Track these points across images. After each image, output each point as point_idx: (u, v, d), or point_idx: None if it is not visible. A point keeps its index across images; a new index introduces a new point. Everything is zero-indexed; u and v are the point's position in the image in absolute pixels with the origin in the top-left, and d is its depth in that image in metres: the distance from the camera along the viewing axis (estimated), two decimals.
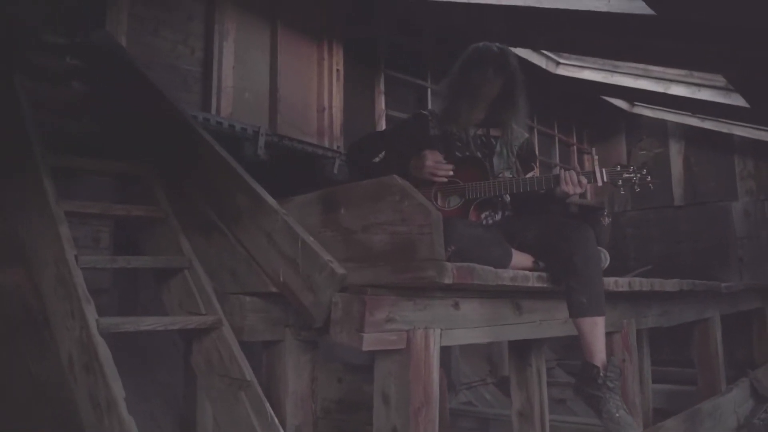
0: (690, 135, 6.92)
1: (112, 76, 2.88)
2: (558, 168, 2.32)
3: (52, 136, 2.41)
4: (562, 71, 5.83)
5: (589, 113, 7.36)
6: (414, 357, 1.67)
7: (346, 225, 1.75)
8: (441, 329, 1.76)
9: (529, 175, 2.24)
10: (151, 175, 2.50)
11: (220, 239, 2.13)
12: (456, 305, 1.82)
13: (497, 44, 2.24)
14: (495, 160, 2.26)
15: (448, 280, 1.52)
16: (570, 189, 2.00)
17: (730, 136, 6.63)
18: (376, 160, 2.17)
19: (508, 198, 2.25)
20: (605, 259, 2.02)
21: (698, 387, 3.94)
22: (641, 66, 5.36)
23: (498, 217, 2.22)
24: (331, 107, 4.66)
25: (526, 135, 2.37)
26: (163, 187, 2.46)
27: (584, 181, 2.00)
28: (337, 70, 4.74)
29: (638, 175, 2.01)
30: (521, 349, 2.75)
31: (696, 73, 5.08)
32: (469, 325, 1.87)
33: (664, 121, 7.14)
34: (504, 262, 1.87)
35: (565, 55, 5.72)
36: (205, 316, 2.02)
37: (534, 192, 2.10)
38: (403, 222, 1.59)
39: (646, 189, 2.04)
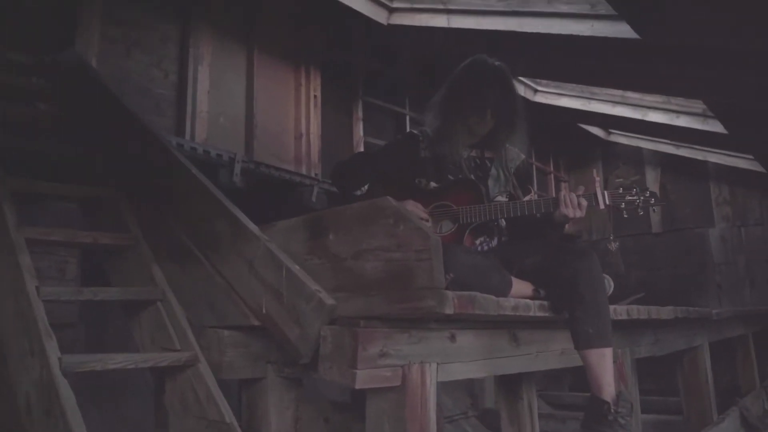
0: (666, 162, 6.96)
1: (81, 97, 2.73)
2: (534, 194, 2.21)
3: (14, 158, 2.25)
4: (540, 99, 5.82)
5: (565, 141, 7.38)
6: (410, 394, 1.54)
7: (334, 251, 1.62)
8: (437, 363, 1.63)
9: (527, 198, 2.13)
10: (122, 201, 2.35)
11: (196, 268, 1.98)
12: (452, 337, 1.70)
13: (494, 60, 2.14)
14: (490, 183, 2.14)
15: (449, 311, 1.39)
16: (570, 212, 1.89)
17: (705, 163, 6.68)
18: (358, 193, 2.04)
19: (503, 223, 2.14)
20: (609, 285, 1.91)
21: (686, 416, 3.84)
22: (618, 93, 5.38)
23: (494, 242, 2.09)
24: (308, 133, 4.57)
25: (523, 156, 2.26)
26: (134, 212, 2.31)
27: (585, 203, 1.90)
28: (315, 96, 4.65)
29: (642, 198, 1.92)
30: (512, 382, 2.63)
31: (674, 100, 5.10)
32: (465, 359, 1.75)
33: (639, 149, 7.18)
34: (504, 291, 1.75)
35: (544, 82, 5.72)
36: (180, 352, 1.86)
37: (531, 216, 1.99)
38: (399, 247, 1.47)
39: (647, 212, 1.95)
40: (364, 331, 1.46)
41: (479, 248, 2.05)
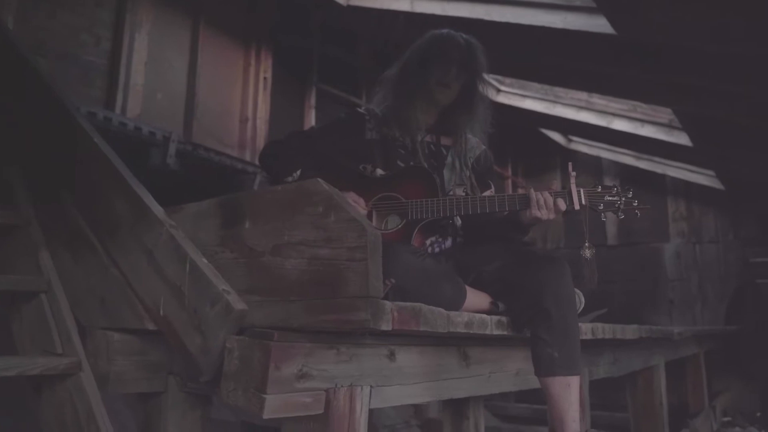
0: (625, 174, 6.84)
1: None
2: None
3: None
4: (502, 99, 5.61)
5: (525, 146, 7.21)
6: (335, 424, 1.23)
7: (251, 244, 1.30)
8: (371, 386, 1.34)
9: (486, 193, 1.84)
10: (15, 173, 1.99)
11: (90, 257, 1.64)
12: (391, 355, 1.40)
13: (462, 34, 1.86)
14: (446, 173, 1.84)
15: (385, 326, 1.10)
16: (543, 214, 1.61)
17: (663, 176, 6.59)
18: (290, 179, 1.71)
19: (459, 221, 1.85)
20: (580, 302, 1.64)
21: None
22: (584, 98, 5.21)
23: (447, 243, 1.79)
24: (255, 118, 4.24)
25: (483, 147, 1.98)
26: (30, 188, 1.96)
27: (562, 205, 1.63)
28: (265, 78, 4.33)
29: (623, 199, 1.66)
30: (458, 401, 2.37)
31: (639, 109, 4.95)
32: (406, 381, 1.46)
33: (599, 158, 7.07)
34: (456, 303, 1.46)
35: (507, 81, 5.51)
36: (59, 357, 1.53)
37: (492, 215, 1.71)
38: (328, 243, 1.16)
39: (631, 216, 1.70)
40: (279, 346, 1.15)
41: (429, 249, 1.75)
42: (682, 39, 2.79)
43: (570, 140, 7.15)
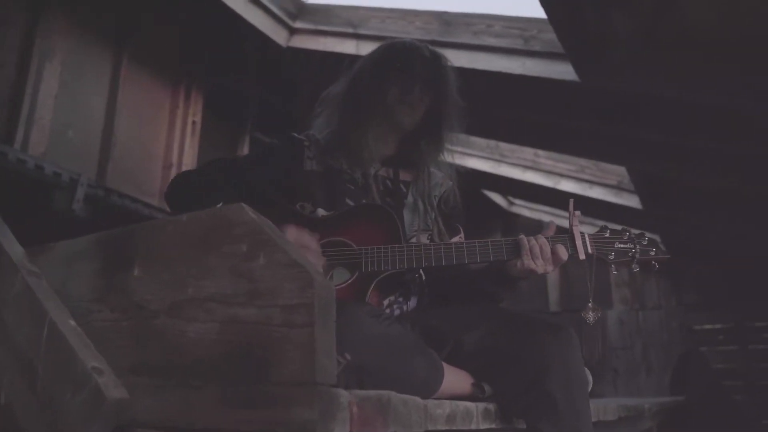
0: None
1: None
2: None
3: None
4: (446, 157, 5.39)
5: (466, 209, 7.01)
6: None
7: (139, 299, 0.89)
8: None
9: (455, 239, 1.49)
10: None
11: None
12: None
13: (428, 46, 1.55)
14: (406, 215, 1.48)
15: (340, 429, 0.71)
16: (539, 265, 1.27)
17: None
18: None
19: (424, 275, 1.47)
20: (588, 382, 1.29)
21: None
22: (530, 158, 5.04)
23: (411, 304, 1.40)
24: (180, 164, 3.83)
25: (450, 182, 1.65)
26: None
27: (562, 252, 1.30)
28: (194, 122, 3.95)
29: (638, 247, 1.35)
30: None
31: (588, 170, 4.81)
32: None
33: (540, 222, 6.93)
34: (432, 386, 1.08)
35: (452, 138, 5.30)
36: None
37: (466, 267, 1.35)
38: (254, 298, 0.78)
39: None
40: None
41: (388, 311, 1.36)
42: (648, 88, 2.60)
43: (511, 203, 7.01)
